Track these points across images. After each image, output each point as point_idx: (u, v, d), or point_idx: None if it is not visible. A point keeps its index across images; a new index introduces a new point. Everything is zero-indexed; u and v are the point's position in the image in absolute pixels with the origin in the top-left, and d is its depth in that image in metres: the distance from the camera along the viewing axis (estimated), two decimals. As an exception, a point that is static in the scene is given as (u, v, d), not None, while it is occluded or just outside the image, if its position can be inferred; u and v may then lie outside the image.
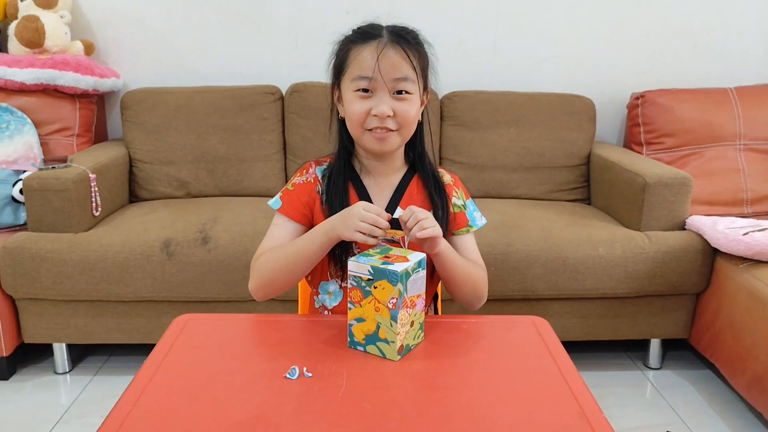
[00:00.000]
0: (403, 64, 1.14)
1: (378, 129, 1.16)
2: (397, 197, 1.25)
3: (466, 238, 1.28)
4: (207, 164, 2.47)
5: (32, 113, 2.36)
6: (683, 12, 2.67)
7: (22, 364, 2.19)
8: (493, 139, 2.52)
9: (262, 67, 2.64)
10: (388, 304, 1.00)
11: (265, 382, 0.96)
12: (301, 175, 1.27)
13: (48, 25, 2.41)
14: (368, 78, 1.13)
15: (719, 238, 1.98)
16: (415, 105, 1.18)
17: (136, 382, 0.95)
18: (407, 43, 1.15)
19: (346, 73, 1.18)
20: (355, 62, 1.15)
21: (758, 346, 1.80)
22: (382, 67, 1.12)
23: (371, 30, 1.16)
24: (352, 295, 1.03)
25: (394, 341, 1.01)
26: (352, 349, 1.04)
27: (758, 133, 2.46)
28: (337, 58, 1.20)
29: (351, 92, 1.16)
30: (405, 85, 1.15)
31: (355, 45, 1.16)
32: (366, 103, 1.15)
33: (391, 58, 1.13)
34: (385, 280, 0.99)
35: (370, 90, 1.15)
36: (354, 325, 1.04)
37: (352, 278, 1.02)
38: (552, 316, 2.09)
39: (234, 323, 1.18)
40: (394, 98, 1.15)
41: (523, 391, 0.95)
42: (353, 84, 1.16)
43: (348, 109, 1.18)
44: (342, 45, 1.20)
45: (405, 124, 1.17)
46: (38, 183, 1.98)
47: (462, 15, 2.64)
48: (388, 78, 1.13)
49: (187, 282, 2.01)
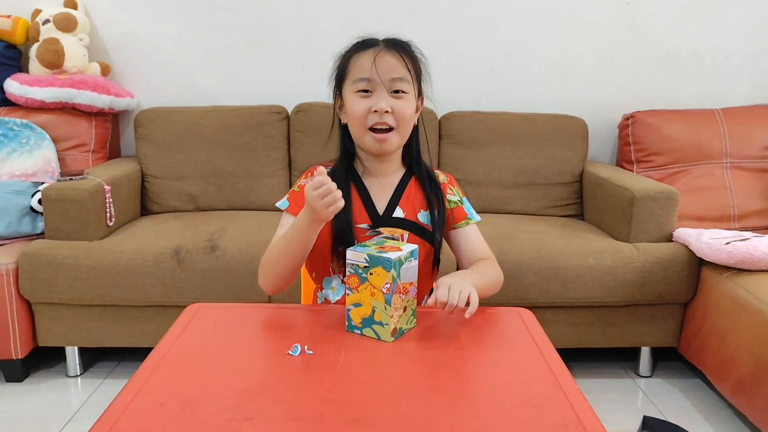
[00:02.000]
0: (399, 66, 1.26)
1: (378, 125, 1.26)
2: (397, 196, 1.34)
3: (469, 230, 1.38)
4: (216, 179, 2.58)
5: (51, 130, 2.48)
6: (672, 38, 2.80)
7: (36, 367, 2.28)
8: (490, 157, 2.62)
9: (270, 88, 2.77)
10: (382, 288, 1.09)
11: (269, 358, 1.05)
12: (307, 177, 1.36)
13: (67, 48, 2.55)
14: (367, 79, 1.25)
15: (704, 248, 2.07)
16: (411, 104, 1.28)
17: (147, 364, 1.02)
18: (402, 49, 1.28)
19: (347, 79, 1.29)
20: (354, 67, 1.27)
21: (741, 350, 1.88)
22: (380, 68, 1.24)
23: (369, 40, 1.29)
24: (350, 282, 1.12)
25: (388, 323, 1.10)
26: (350, 332, 1.14)
27: (744, 152, 2.56)
28: (338, 68, 1.32)
29: (352, 94, 1.27)
30: (401, 84, 1.26)
31: (355, 53, 1.28)
32: (366, 101, 1.26)
33: (388, 61, 1.25)
34: (380, 267, 1.09)
35: (370, 90, 1.26)
36: (351, 309, 1.13)
37: (350, 266, 1.11)
38: (544, 323, 2.10)
39: (242, 312, 1.27)
40: (391, 96, 1.26)
41: (509, 380, 1.01)
42: (354, 86, 1.27)
43: (350, 109, 1.28)
44: (342, 56, 1.32)
45: (402, 121, 1.27)
46: (56, 193, 2.09)
47: (460, 39, 2.77)
48: (386, 78, 1.25)
49: (196, 288, 2.10)
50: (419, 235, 1.33)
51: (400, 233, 1.32)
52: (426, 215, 1.34)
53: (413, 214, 1.33)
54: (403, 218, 1.32)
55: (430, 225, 1.34)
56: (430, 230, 1.33)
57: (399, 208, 1.33)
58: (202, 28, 2.74)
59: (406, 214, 1.33)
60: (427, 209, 1.34)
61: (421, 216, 1.34)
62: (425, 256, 1.34)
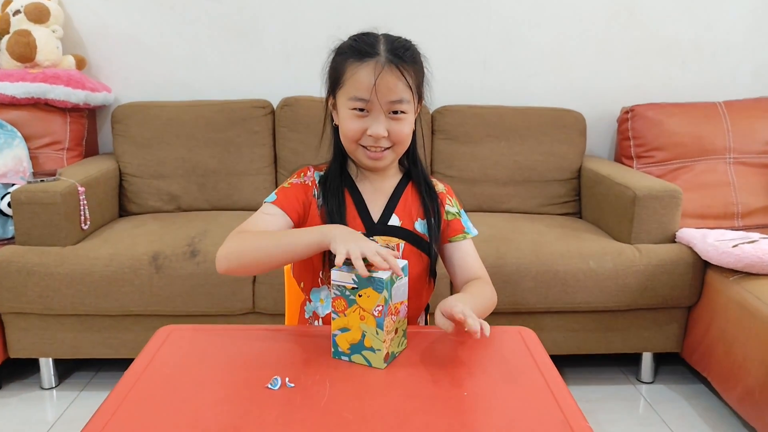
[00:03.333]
0: (399, 86, 1.13)
1: (372, 147, 1.17)
2: (393, 203, 1.25)
3: (465, 244, 1.28)
4: (197, 178, 2.46)
5: (22, 127, 2.35)
6: (672, 28, 2.70)
7: (8, 379, 2.17)
8: (484, 153, 2.52)
9: (253, 81, 2.65)
10: (373, 312, 0.99)
11: (247, 393, 0.95)
12: (299, 177, 1.26)
13: (40, 40, 2.42)
14: (365, 100, 1.13)
15: (709, 250, 1.98)
16: (410, 123, 1.18)
17: (116, 393, 0.94)
18: (403, 62, 1.14)
19: (342, 88, 1.17)
20: (351, 80, 1.14)
21: (750, 359, 1.79)
22: (379, 90, 1.12)
23: (368, 47, 1.14)
24: (335, 305, 1.02)
25: (381, 349, 1.00)
26: (337, 359, 1.03)
27: (748, 147, 2.47)
28: (334, 70, 1.19)
29: (347, 109, 1.16)
30: (400, 105, 1.15)
31: (353, 61, 1.14)
32: (362, 122, 1.15)
33: (388, 82, 1.12)
34: (371, 288, 0.98)
35: (366, 110, 1.15)
36: (338, 335, 1.03)
37: (335, 288, 1.01)
38: (543, 329, 2.07)
39: (217, 334, 1.17)
40: (389, 118, 1.15)
41: (507, 401, 0.94)
42: (349, 102, 1.15)
43: (343, 125, 1.18)
44: (338, 56, 1.18)
45: (399, 141, 1.18)
46: (26, 196, 1.97)
47: (453, 30, 2.66)
48: (384, 101, 1.13)
49: (175, 296, 1.99)
50: (416, 246, 1.24)
51: (396, 243, 1.23)
52: (423, 224, 1.25)
53: (410, 223, 1.24)
54: (399, 227, 1.23)
55: (427, 235, 1.24)
56: (427, 240, 1.24)
57: (395, 216, 1.24)
58: (183, 19, 2.61)
59: (403, 223, 1.24)
60: (424, 218, 1.25)
61: (418, 225, 1.25)
62: (422, 268, 1.25)
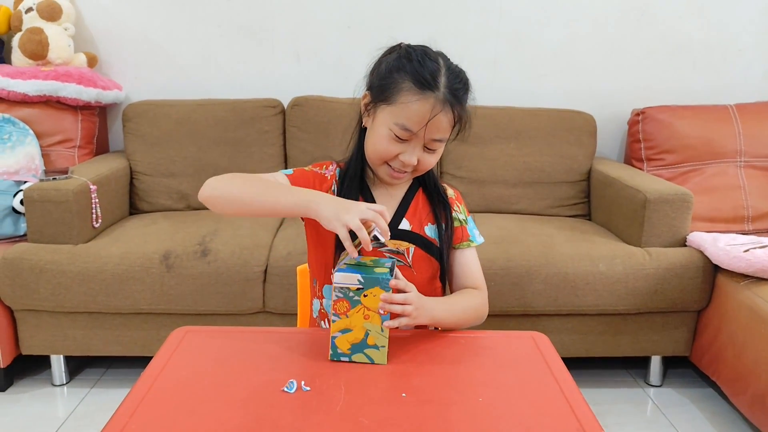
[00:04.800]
0: (448, 127, 1.15)
1: (398, 171, 1.18)
2: (403, 208, 1.26)
3: (468, 253, 1.28)
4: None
5: (34, 124, 2.36)
6: (683, 29, 2.69)
7: (20, 375, 2.18)
8: (494, 154, 2.52)
9: (264, 81, 2.65)
10: (379, 310, 1.01)
11: (263, 396, 0.95)
12: (321, 168, 1.27)
13: (52, 38, 2.43)
14: (411, 131, 1.13)
15: (720, 255, 1.98)
16: (440, 154, 1.20)
17: (133, 394, 0.94)
18: (459, 103, 1.14)
19: (390, 106, 1.14)
20: (404, 107, 1.12)
21: (760, 364, 1.79)
22: (428, 129, 1.12)
23: (430, 77, 1.11)
24: (337, 307, 1.02)
25: (385, 345, 1.03)
26: (335, 361, 1.04)
27: (759, 150, 2.46)
28: (386, 82, 1.15)
29: (387, 129, 1.14)
30: (439, 144, 1.16)
31: (410, 87, 1.12)
32: (398, 147, 1.15)
33: (441, 122, 1.12)
34: (378, 287, 1.00)
35: (407, 139, 1.14)
36: (338, 337, 1.03)
37: (338, 290, 1.02)
38: (552, 332, 2.07)
39: (233, 336, 1.17)
40: (424, 150, 1.16)
41: (522, 408, 0.94)
42: (394, 126, 1.13)
43: (377, 141, 1.17)
44: (397, 72, 1.14)
45: (423, 169, 1.20)
46: (39, 194, 1.98)
47: (463, 30, 2.66)
48: (429, 138, 1.14)
49: (186, 294, 2.00)
50: (425, 250, 1.25)
51: (406, 246, 1.23)
52: (433, 229, 1.26)
53: (420, 228, 1.25)
54: (409, 231, 1.24)
55: (437, 239, 1.25)
56: (437, 245, 1.25)
57: (405, 220, 1.25)
58: (194, 18, 2.62)
59: (413, 227, 1.25)
60: (434, 223, 1.26)
61: (428, 230, 1.26)
62: (432, 274, 1.26)
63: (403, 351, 1.09)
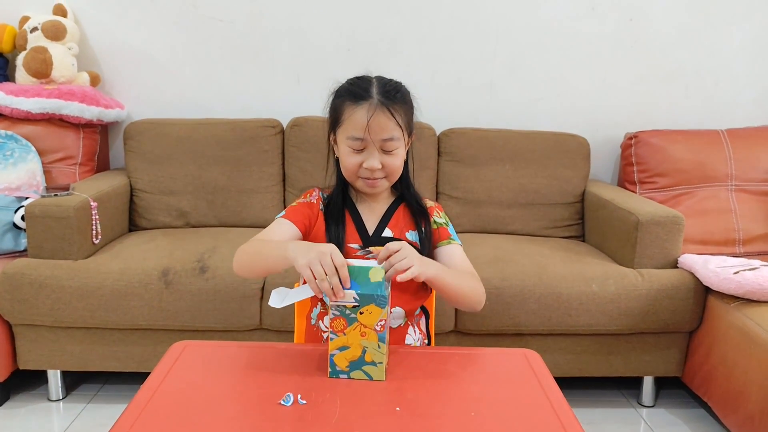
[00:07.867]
0: (390, 125, 1.28)
1: (369, 179, 1.31)
2: (386, 219, 1.38)
3: (453, 248, 1.37)
4: (207, 195, 2.50)
5: (37, 141, 2.39)
6: (676, 56, 2.74)
7: (16, 390, 2.19)
8: (489, 176, 2.56)
9: (264, 101, 2.70)
10: (375, 327, 1.04)
11: (261, 409, 0.98)
12: (305, 198, 1.41)
13: (56, 57, 2.47)
14: (360, 139, 1.27)
15: (711, 276, 2.01)
16: (401, 156, 1.33)
17: (133, 406, 0.96)
18: (394, 103, 1.28)
19: (341, 128, 1.31)
20: (348, 121, 1.29)
21: (750, 385, 1.81)
22: (372, 130, 1.26)
23: (362, 90, 1.29)
24: (334, 325, 1.05)
25: (382, 362, 1.05)
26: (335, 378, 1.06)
27: (750, 174, 2.50)
28: (333, 110, 1.34)
29: (345, 146, 1.30)
30: (391, 144, 1.29)
31: (349, 103, 1.29)
32: (358, 157, 1.30)
33: (380, 122, 1.27)
34: (373, 305, 1.03)
35: (362, 147, 1.28)
36: (336, 354, 1.06)
37: (335, 308, 1.04)
38: (545, 351, 2.09)
39: (231, 351, 1.20)
40: (382, 153, 1.29)
41: (513, 423, 0.96)
42: (348, 141, 1.29)
43: (343, 159, 1.32)
44: (337, 99, 1.33)
45: (391, 172, 1.32)
46: (40, 210, 2.01)
47: (460, 54, 2.71)
48: (377, 138, 1.27)
49: (184, 311, 2.02)
50: None
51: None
52: (414, 234, 1.37)
53: (401, 234, 1.36)
54: (391, 237, 1.35)
55: (419, 243, 1.35)
56: (419, 247, 1.34)
57: (388, 229, 1.37)
58: (196, 39, 2.67)
59: (395, 234, 1.36)
60: (415, 229, 1.37)
61: (410, 235, 1.37)
62: None
63: (398, 366, 1.11)
